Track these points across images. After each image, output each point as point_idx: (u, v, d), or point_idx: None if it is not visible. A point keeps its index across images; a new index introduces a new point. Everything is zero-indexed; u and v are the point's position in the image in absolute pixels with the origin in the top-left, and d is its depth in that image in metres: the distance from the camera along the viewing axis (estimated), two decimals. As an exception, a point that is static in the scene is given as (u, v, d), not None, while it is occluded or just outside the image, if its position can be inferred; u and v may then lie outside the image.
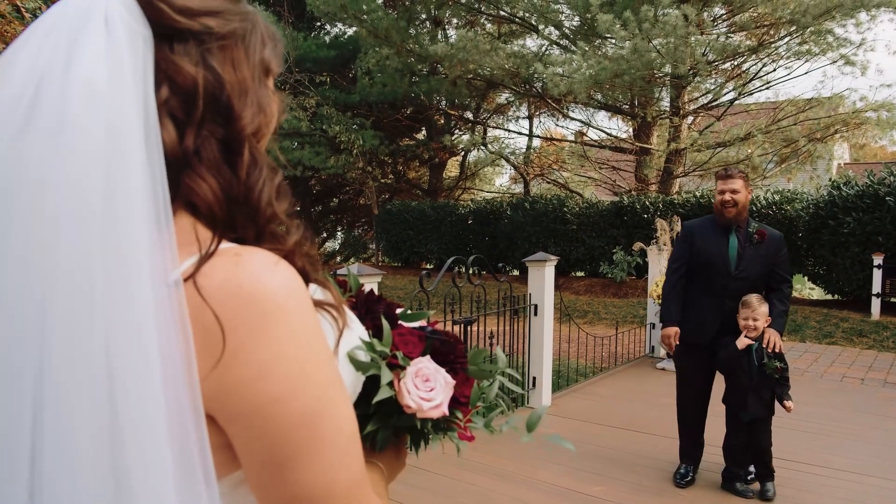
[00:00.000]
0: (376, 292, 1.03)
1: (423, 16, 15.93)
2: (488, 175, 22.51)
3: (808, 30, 12.00)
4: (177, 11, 0.67)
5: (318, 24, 18.50)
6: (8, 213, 0.60)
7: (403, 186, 20.19)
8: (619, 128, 19.30)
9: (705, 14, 12.05)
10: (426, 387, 0.91)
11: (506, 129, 19.01)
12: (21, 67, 0.62)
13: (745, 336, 3.98)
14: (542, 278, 5.95)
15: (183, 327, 0.61)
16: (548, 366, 6.05)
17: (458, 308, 5.32)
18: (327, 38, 17.59)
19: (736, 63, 13.85)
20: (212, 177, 0.68)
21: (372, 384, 0.89)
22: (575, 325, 7.89)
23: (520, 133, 19.13)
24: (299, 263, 0.74)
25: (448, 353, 0.97)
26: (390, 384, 0.89)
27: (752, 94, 14.66)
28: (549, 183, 19.00)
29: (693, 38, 9.79)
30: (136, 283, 0.59)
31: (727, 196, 4.18)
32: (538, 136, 18.23)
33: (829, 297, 12.18)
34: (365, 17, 13.14)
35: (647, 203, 12.97)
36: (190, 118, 0.67)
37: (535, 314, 5.99)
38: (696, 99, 14.56)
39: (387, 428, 0.94)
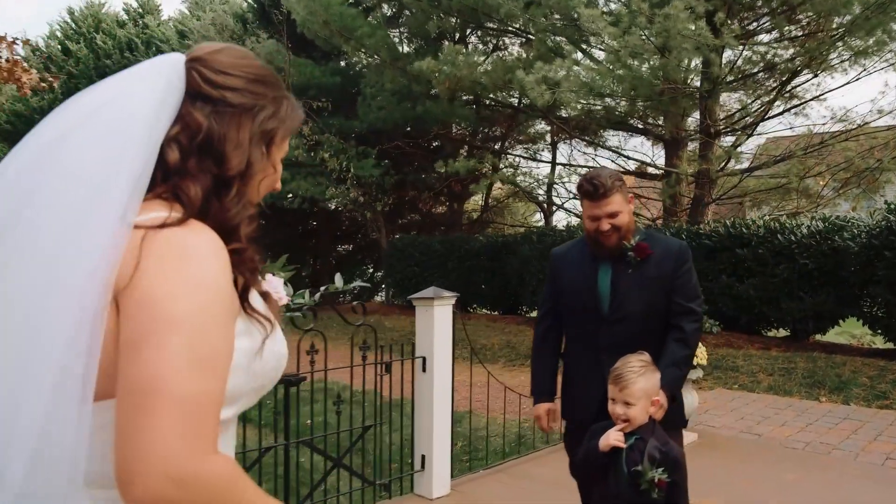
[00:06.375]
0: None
1: (432, 34, 14.78)
2: (518, 208, 21.02)
3: (873, 30, 10.14)
4: (205, 82, 1.02)
5: (335, 54, 17.70)
6: (56, 160, 0.95)
7: (415, 220, 18.95)
8: (653, 153, 17.52)
9: (730, 20, 10.34)
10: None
11: (526, 158, 17.54)
12: (111, 84, 1.03)
13: (615, 430, 2.40)
14: (431, 322, 4.46)
15: (116, 248, 0.88)
16: (443, 440, 4.50)
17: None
18: (338, 66, 16.73)
19: (776, 74, 12.02)
20: (199, 185, 0.99)
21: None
22: (492, 375, 6.11)
23: (539, 161, 17.62)
24: (245, 276, 1.01)
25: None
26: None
27: (800, 106, 12.69)
28: (575, 216, 17.31)
29: (700, 34, 8.16)
30: (107, 218, 0.89)
31: (604, 224, 2.69)
32: (561, 165, 16.66)
33: (890, 345, 10.00)
34: (355, 34, 12.10)
35: (668, 234, 11.18)
36: (191, 148, 1.00)
37: (424, 370, 4.48)
38: (733, 115, 12.74)
39: None
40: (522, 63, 10.76)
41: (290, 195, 15.41)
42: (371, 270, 23.13)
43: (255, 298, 1.03)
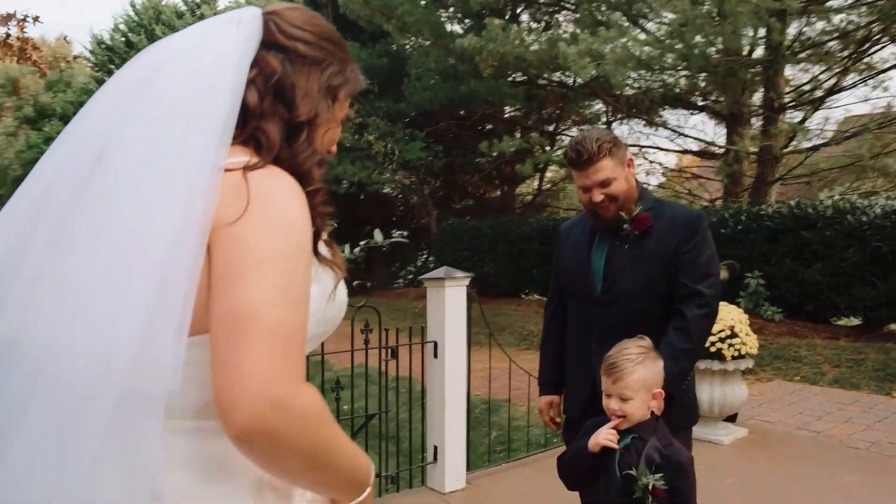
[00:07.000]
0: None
1: (475, 11, 14.32)
2: (574, 191, 20.44)
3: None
4: (279, 32, 1.08)
5: (382, 35, 17.53)
6: (140, 96, 1.01)
7: (468, 205, 18.58)
8: (715, 132, 16.61)
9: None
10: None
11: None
12: (197, 30, 1.09)
13: (608, 428, 2.05)
14: (443, 305, 4.15)
15: (212, 189, 0.92)
16: (456, 430, 4.21)
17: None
18: (385, 48, 16.51)
19: (850, 43, 11.07)
20: (276, 126, 1.04)
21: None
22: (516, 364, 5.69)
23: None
24: (317, 222, 1.03)
25: None
26: None
27: (877, 77, 11.67)
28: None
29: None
30: (201, 159, 0.93)
31: (596, 194, 2.32)
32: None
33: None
34: (396, 12, 11.80)
35: (726, 216, 10.48)
36: (266, 90, 1.04)
37: (435, 356, 4.19)
38: (800, 88, 11.85)
39: None
40: (570, 38, 10.25)
41: (345, 182, 15.34)
42: (425, 255, 22.97)
43: (321, 246, 1.07)
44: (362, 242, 3.39)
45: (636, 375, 2.03)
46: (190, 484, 0.95)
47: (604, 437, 2.03)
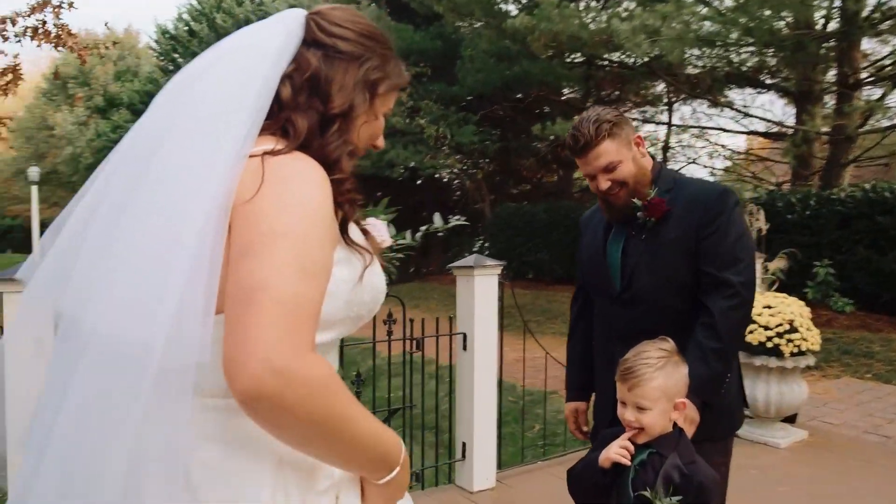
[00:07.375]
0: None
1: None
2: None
3: None
4: (319, 30, 1.14)
5: (436, 17, 17.32)
6: (195, 86, 1.08)
7: (524, 190, 18.21)
8: (784, 112, 15.71)
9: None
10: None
11: (642, 121, 16.28)
12: (245, 33, 1.16)
13: (622, 440, 1.82)
14: (472, 295, 3.95)
15: (235, 178, 0.96)
16: (487, 425, 4.02)
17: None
18: (439, 31, 16.28)
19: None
20: (306, 119, 1.08)
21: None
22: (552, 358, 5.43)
23: (658, 123, 16.28)
24: (344, 207, 1.08)
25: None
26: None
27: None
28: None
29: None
30: (229, 150, 0.98)
31: (602, 182, 2.07)
32: (676, 126, 15.28)
33: None
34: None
35: (793, 200, 9.87)
36: (301, 85, 1.10)
37: (465, 348, 3.99)
38: (880, 62, 11.01)
39: None
40: (627, 15, 9.80)
41: (399, 167, 15.27)
42: (481, 241, 22.80)
43: (354, 231, 1.10)
44: (423, 227, 3.29)
45: (655, 383, 1.79)
46: (217, 460, 0.99)
47: (615, 451, 1.80)
